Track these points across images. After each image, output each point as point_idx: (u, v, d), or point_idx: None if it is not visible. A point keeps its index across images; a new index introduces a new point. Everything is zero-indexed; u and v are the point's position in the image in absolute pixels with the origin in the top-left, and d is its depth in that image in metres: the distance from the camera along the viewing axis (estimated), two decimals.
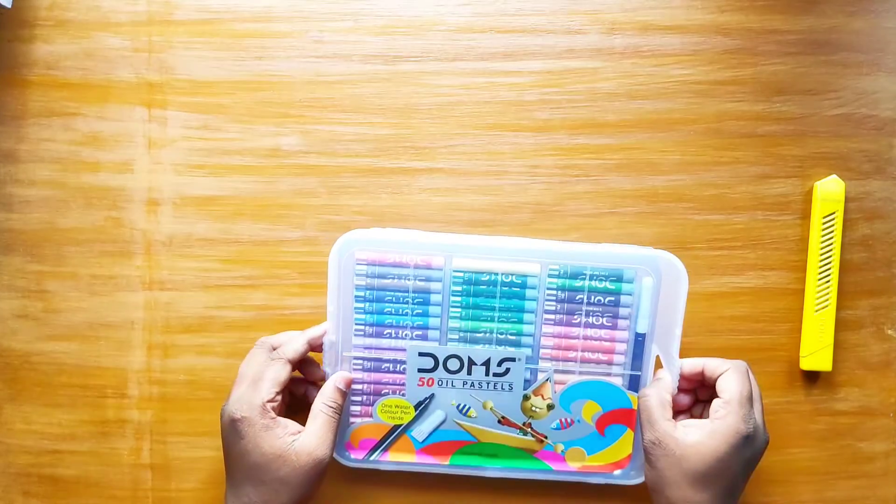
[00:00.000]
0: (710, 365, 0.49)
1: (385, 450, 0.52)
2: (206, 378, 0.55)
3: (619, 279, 0.51)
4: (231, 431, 0.46)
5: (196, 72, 0.55)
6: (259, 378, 0.47)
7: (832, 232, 0.55)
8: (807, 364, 0.55)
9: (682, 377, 0.50)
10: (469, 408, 0.52)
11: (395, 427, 0.52)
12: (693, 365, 0.49)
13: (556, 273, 0.51)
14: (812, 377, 0.55)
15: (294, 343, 0.49)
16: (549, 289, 0.51)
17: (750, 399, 0.46)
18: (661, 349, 0.51)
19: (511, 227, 0.55)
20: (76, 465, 0.55)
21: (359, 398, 0.52)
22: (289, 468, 0.45)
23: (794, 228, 0.55)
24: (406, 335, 0.51)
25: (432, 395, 0.51)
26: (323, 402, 0.48)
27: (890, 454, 0.55)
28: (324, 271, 0.54)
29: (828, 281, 0.54)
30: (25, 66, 0.55)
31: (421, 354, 0.51)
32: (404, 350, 0.51)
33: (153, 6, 0.55)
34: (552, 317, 0.51)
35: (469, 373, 0.51)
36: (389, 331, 0.51)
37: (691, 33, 0.55)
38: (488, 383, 0.51)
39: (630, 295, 0.51)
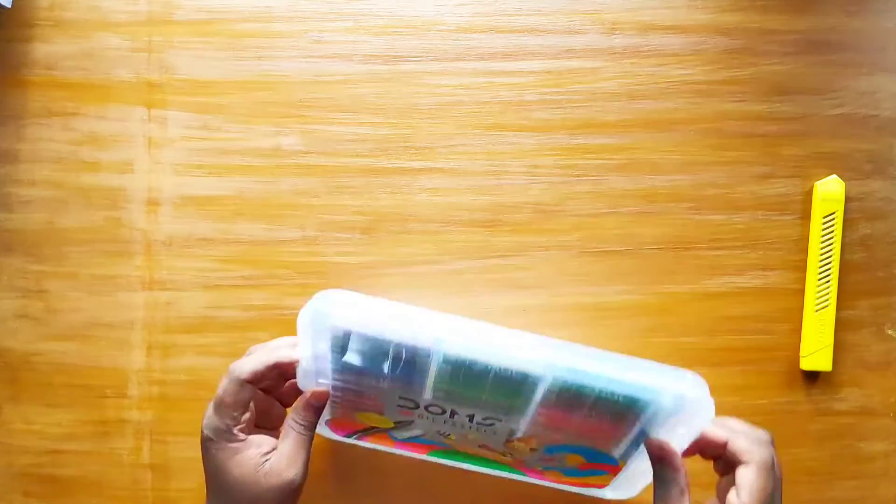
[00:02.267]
0: (735, 446, 0.42)
1: (364, 437, 0.51)
2: (206, 378, 0.55)
3: (633, 401, 0.42)
4: (204, 450, 0.45)
5: (196, 72, 0.55)
6: (219, 400, 0.44)
7: (832, 232, 0.55)
8: (807, 364, 0.55)
9: (700, 444, 0.43)
10: (450, 434, 0.48)
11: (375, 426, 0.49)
12: (716, 434, 0.43)
13: (561, 383, 0.42)
14: (812, 377, 0.55)
15: (252, 362, 0.44)
16: (550, 389, 0.42)
17: (772, 502, 0.41)
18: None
19: (511, 227, 0.55)
20: (76, 465, 0.55)
21: (339, 406, 0.47)
22: (260, 489, 0.43)
23: (794, 228, 0.55)
24: (385, 388, 0.44)
25: (412, 421, 0.47)
26: (294, 420, 0.45)
27: (890, 454, 0.55)
28: (324, 271, 0.55)
29: (828, 281, 0.54)
30: (25, 66, 0.55)
31: (401, 398, 0.45)
32: (382, 390, 0.45)
33: (153, 6, 0.55)
34: (548, 410, 0.44)
35: (451, 417, 0.46)
36: (367, 398, 0.46)
37: (691, 33, 0.55)
38: (471, 427, 0.46)
39: (643, 411, 0.42)
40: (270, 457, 0.44)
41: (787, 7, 0.55)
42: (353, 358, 0.43)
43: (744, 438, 0.42)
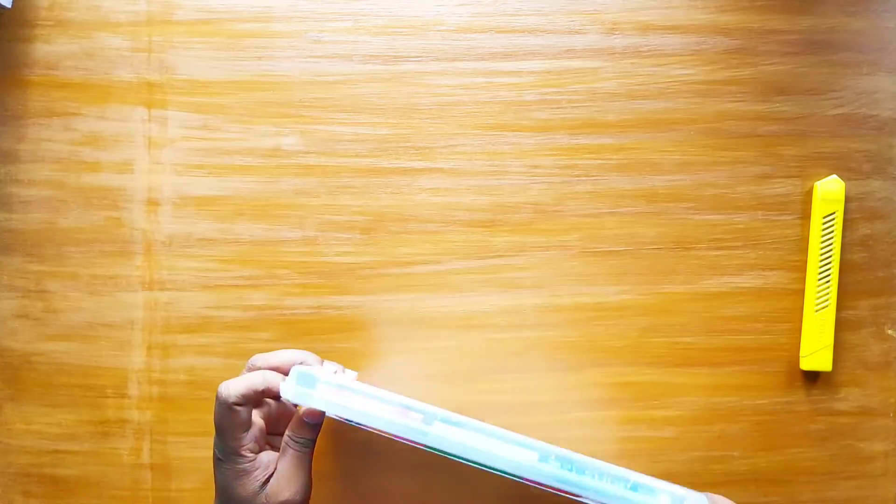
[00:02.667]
0: None
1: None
2: (206, 378, 0.55)
3: None
4: (214, 467, 0.46)
5: (196, 72, 0.55)
6: (218, 426, 0.44)
7: (832, 232, 0.54)
8: (807, 364, 0.54)
9: None
10: None
11: None
12: None
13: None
14: (812, 377, 0.55)
15: (240, 384, 0.44)
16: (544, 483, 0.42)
17: None
18: None
19: (511, 227, 0.55)
20: (76, 465, 0.55)
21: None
22: None
23: (794, 228, 0.55)
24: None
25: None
26: (290, 438, 0.45)
27: (890, 454, 0.55)
28: (324, 271, 0.55)
29: (828, 281, 0.54)
30: (25, 66, 0.55)
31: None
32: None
33: (153, 6, 0.55)
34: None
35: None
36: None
37: (691, 33, 0.55)
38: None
39: None
40: (271, 482, 0.44)
41: (787, 7, 0.55)
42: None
43: None
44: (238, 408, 0.44)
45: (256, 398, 0.45)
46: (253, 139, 0.55)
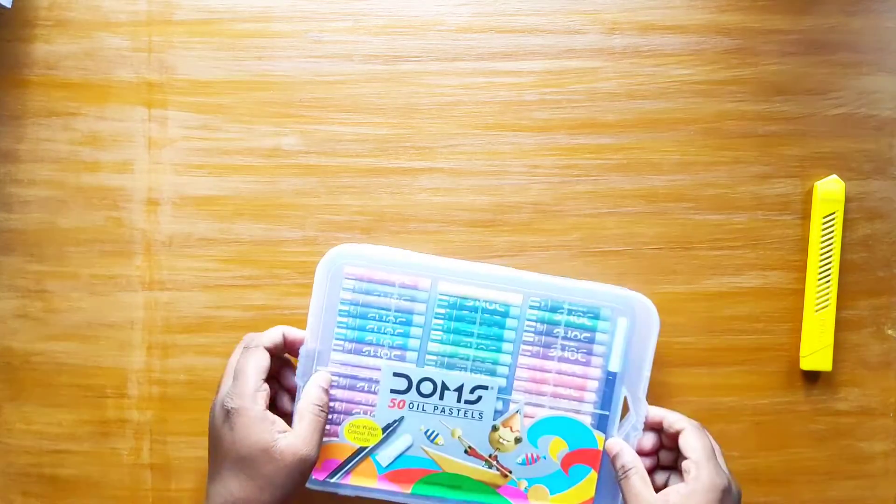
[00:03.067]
0: (668, 419, 0.50)
1: (347, 472, 0.51)
2: (206, 378, 0.55)
3: (596, 316, 0.51)
4: (223, 423, 0.46)
5: (196, 72, 0.55)
6: (242, 369, 0.47)
7: (832, 232, 0.55)
8: (807, 364, 0.55)
9: (649, 424, 0.51)
10: (437, 434, 0.51)
11: (361, 449, 0.51)
12: (654, 414, 0.50)
13: (537, 305, 0.51)
14: (812, 377, 0.55)
15: (271, 333, 0.49)
16: (528, 320, 0.51)
17: (714, 454, 0.47)
18: (630, 390, 0.51)
19: (511, 227, 0.55)
20: (76, 465, 0.55)
21: (330, 416, 0.50)
22: (273, 466, 0.45)
23: (794, 228, 0.55)
24: (384, 354, 0.51)
25: (401, 418, 0.50)
26: (310, 403, 0.48)
27: (890, 454, 0.55)
28: None
29: (828, 281, 0.54)
30: (25, 66, 0.55)
31: (396, 374, 0.50)
32: (380, 370, 0.50)
33: (153, 6, 0.55)
34: (529, 348, 0.51)
35: (441, 398, 0.50)
36: (368, 349, 0.51)
37: (691, 33, 0.55)
38: (459, 410, 0.51)
39: (605, 333, 0.51)
40: (285, 436, 0.46)
41: (787, 7, 0.55)
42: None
43: (675, 414, 0.50)
44: (263, 349, 0.47)
45: (280, 348, 0.49)
46: (253, 139, 0.55)
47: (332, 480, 0.51)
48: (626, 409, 0.51)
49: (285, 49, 0.55)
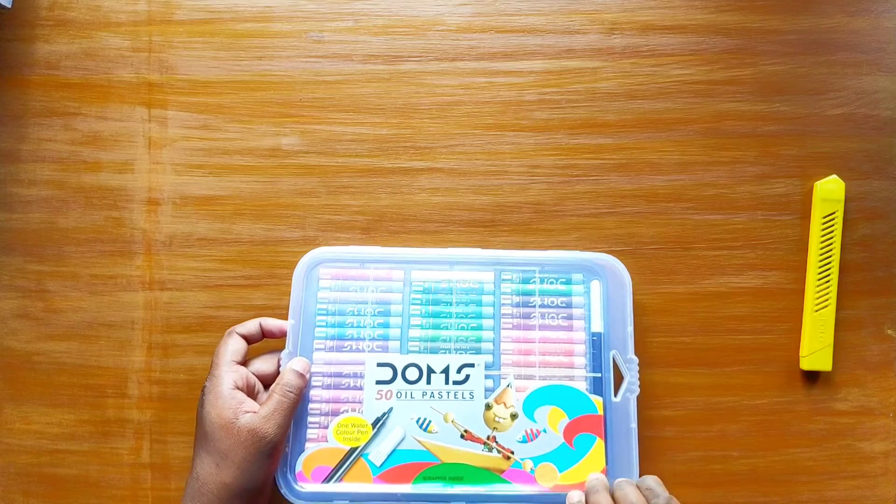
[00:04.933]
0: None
1: (340, 478, 0.49)
2: (205, 378, 0.55)
3: (569, 281, 0.52)
4: (200, 402, 0.48)
5: (196, 72, 0.55)
6: (216, 353, 0.49)
7: (832, 232, 0.54)
8: (807, 364, 0.54)
9: None
10: (430, 422, 0.50)
11: (352, 450, 0.49)
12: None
13: (509, 278, 0.52)
14: (812, 377, 0.55)
15: (247, 323, 0.51)
16: (504, 293, 0.52)
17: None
18: (618, 349, 0.51)
19: (511, 227, 0.55)
20: (76, 465, 0.55)
21: (316, 419, 0.50)
22: (230, 441, 0.46)
23: (794, 228, 0.55)
24: (366, 347, 0.51)
25: (391, 410, 0.50)
26: (279, 384, 0.48)
27: (890, 454, 0.55)
28: None
29: (828, 281, 0.54)
30: (26, 66, 0.55)
31: (380, 365, 0.50)
32: (363, 364, 0.50)
33: (153, 6, 0.55)
34: (510, 321, 0.51)
35: (428, 382, 0.50)
36: (349, 344, 0.51)
37: (691, 33, 0.55)
38: (448, 392, 0.50)
39: (580, 296, 0.52)
40: (250, 414, 0.46)
41: (787, 7, 0.55)
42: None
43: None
44: (237, 335, 0.49)
45: (256, 336, 0.51)
46: (253, 139, 0.55)
47: (325, 488, 0.49)
48: (616, 372, 0.51)
49: (285, 49, 0.55)
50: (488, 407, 0.50)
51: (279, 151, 0.55)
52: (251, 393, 0.49)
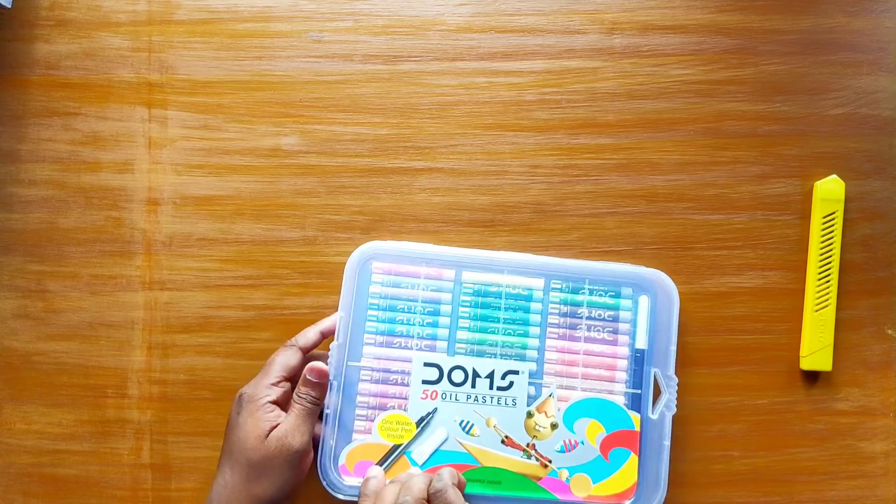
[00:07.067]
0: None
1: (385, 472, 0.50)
2: (206, 378, 0.55)
3: (618, 295, 0.52)
4: (234, 408, 0.48)
5: (196, 72, 0.55)
6: (269, 362, 0.49)
7: (832, 232, 0.54)
8: (807, 364, 0.54)
9: None
10: (472, 425, 0.50)
11: (395, 447, 0.50)
12: None
13: (559, 287, 0.52)
14: (812, 377, 0.55)
15: (307, 333, 0.51)
16: (552, 302, 0.52)
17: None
18: (659, 366, 0.51)
19: (511, 227, 0.55)
20: (76, 465, 0.55)
21: (363, 412, 0.51)
22: (261, 454, 0.46)
23: (794, 228, 0.55)
24: (414, 346, 0.51)
25: (435, 410, 0.50)
26: (298, 395, 0.49)
27: (890, 454, 0.55)
28: (324, 271, 0.55)
29: (828, 281, 0.54)
30: (26, 66, 0.55)
31: (426, 365, 0.51)
32: (411, 361, 0.51)
33: (153, 6, 0.55)
34: (556, 331, 0.52)
35: (473, 385, 0.51)
36: (398, 341, 0.51)
37: (691, 33, 0.55)
38: (492, 398, 0.51)
39: (628, 311, 0.52)
40: (278, 426, 0.47)
41: (787, 7, 0.55)
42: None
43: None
44: (296, 349, 0.50)
45: (316, 344, 0.51)
46: (253, 139, 0.55)
47: None
48: (656, 386, 0.51)
49: (285, 49, 0.55)
50: (529, 415, 0.51)
51: (279, 151, 0.55)
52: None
